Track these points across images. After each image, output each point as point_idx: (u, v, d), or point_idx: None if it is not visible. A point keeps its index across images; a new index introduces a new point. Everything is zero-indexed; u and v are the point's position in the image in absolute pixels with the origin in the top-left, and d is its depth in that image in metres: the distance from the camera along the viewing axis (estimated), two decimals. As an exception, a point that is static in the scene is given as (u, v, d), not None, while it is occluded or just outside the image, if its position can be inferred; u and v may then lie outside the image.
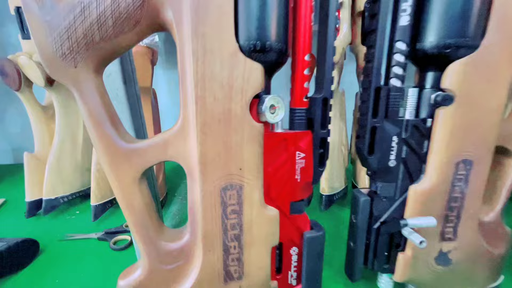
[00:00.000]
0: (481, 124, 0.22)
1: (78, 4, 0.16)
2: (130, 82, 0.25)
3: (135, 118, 0.26)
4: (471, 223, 0.25)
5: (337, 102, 0.45)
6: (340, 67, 0.43)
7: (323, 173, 0.45)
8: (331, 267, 0.33)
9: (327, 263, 0.34)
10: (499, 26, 0.20)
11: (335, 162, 0.45)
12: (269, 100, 0.19)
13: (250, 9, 0.17)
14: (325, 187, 0.45)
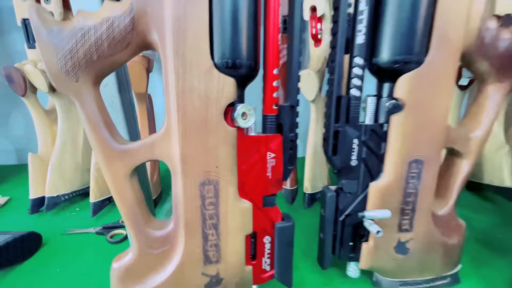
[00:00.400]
0: (429, 128, 0.25)
1: (79, 30, 0.19)
2: (124, 91, 0.28)
3: (129, 122, 0.29)
4: (425, 216, 0.28)
5: (320, 107, 0.49)
6: (322, 74, 0.47)
7: (307, 173, 0.48)
8: (309, 258, 0.36)
9: (306, 255, 0.37)
10: (439, 45, 0.24)
11: (318, 162, 0.48)
12: (241, 108, 0.22)
13: (222, 32, 0.21)
14: (308, 186, 0.48)
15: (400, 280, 0.30)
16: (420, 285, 0.31)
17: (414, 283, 0.30)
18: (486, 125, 0.27)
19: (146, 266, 0.24)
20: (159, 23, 0.20)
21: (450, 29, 0.23)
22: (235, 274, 0.25)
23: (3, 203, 0.52)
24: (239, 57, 0.22)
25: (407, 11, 0.23)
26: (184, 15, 0.20)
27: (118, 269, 0.24)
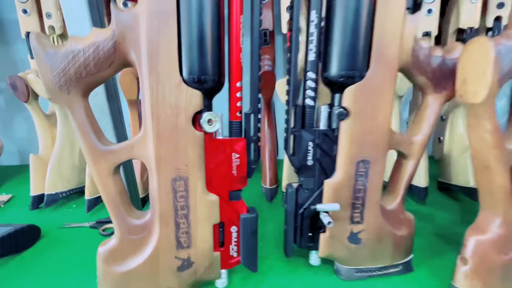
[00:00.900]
0: (373, 133, 0.29)
1: (71, 53, 0.23)
2: (112, 100, 0.32)
3: (117, 127, 0.33)
4: (374, 209, 0.32)
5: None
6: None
7: (284, 174, 0.52)
8: (280, 249, 0.40)
9: (277, 247, 0.41)
10: (377, 62, 0.28)
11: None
12: (207, 116, 0.26)
13: (189, 53, 0.25)
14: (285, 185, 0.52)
15: (355, 267, 0.34)
16: (374, 272, 0.34)
17: (368, 270, 0.34)
18: (426, 130, 0.31)
19: (127, 250, 0.28)
20: (136, 46, 0.24)
21: (386, 49, 0.27)
22: (204, 258, 0.29)
23: (6, 200, 0.56)
24: (204, 73, 0.26)
25: (349, 35, 0.27)
26: (156, 39, 0.24)
27: (103, 253, 0.28)
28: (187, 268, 0.29)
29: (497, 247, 0.29)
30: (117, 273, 0.27)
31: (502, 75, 0.25)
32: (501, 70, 0.25)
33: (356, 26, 0.27)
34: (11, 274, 0.37)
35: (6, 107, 0.73)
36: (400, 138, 0.31)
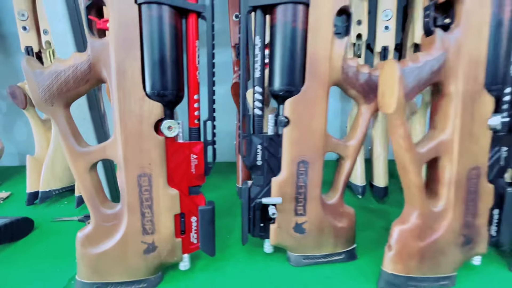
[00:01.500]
0: (310, 138, 0.35)
1: (54, 73, 0.29)
2: (94, 109, 0.38)
3: (98, 132, 0.39)
4: (315, 203, 0.37)
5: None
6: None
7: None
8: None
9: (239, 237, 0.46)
10: (311, 78, 0.33)
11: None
12: (167, 123, 0.32)
13: (151, 72, 0.30)
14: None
15: (303, 255, 0.39)
16: (319, 259, 0.39)
17: (314, 257, 0.39)
18: (359, 135, 0.37)
19: (100, 235, 0.33)
20: (107, 67, 0.30)
21: (318, 68, 0.33)
22: (166, 243, 0.34)
23: (5, 197, 0.62)
24: (164, 88, 0.31)
25: (287, 57, 0.33)
26: (123, 62, 0.29)
27: (80, 237, 0.33)
28: (152, 251, 0.34)
29: (415, 235, 0.34)
30: (92, 254, 0.33)
31: (407, 90, 0.30)
32: (406, 87, 0.30)
33: (292, 50, 0.33)
34: (6, 260, 0.42)
35: (8, 112, 0.79)
36: (336, 142, 0.36)
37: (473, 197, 0.33)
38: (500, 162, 0.35)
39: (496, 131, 0.33)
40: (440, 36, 0.30)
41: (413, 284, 0.34)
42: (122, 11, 0.29)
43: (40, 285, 0.37)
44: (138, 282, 0.35)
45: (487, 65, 0.31)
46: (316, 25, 0.32)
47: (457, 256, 0.35)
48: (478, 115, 0.32)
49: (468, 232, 0.34)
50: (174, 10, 0.30)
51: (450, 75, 0.31)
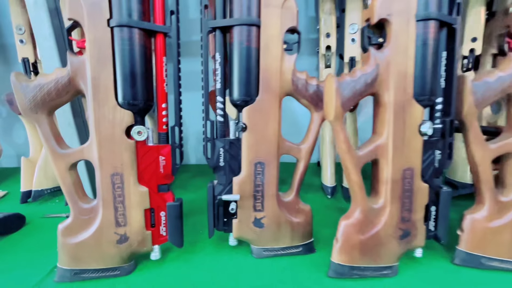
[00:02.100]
0: (264, 142, 0.39)
1: (38, 85, 0.34)
2: (77, 116, 0.43)
3: (81, 136, 0.44)
4: (272, 200, 0.41)
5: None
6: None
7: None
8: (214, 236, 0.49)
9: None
10: (264, 90, 0.38)
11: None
12: (136, 128, 0.36)
13: (123, 84, 0.35)
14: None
15: (263, 247, 0.43)
16: (278, 251, 0.43)
17: (273, 249, 0.43)
18: (310, 140, 0.41)
19: (79, 227, 0.37)
20: (84, 80, 0.35)
21: (270, 81, 0.37)
22: (137, 234, 0.39)
23: (2, 196, 0.67)
24: (134, 99, 0.36)
25: (244, 71, 0.38)
26: (98, 76, 0.34)
27: (61, 228, 0.37)
28: (124, 242, 0.38)
29: (357, 229, 0.38)
30: (71, 243, 0.37)
31: (344, 101, 0.35)
32: (342, 98, 0.34)
33: (247, 65, 0.37)
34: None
35: (7, 117, 0.85)
36: (290, 146, 0.41)
37: (408, 195, 0.37)
38: (435, 164, 0.39)
39: (430, 136, 0.37)
40: (373, 54, 0.35)
41: (357, 273, 0.38)
42: (97, 33, 0.34)
43: (27, 271, 0.41)
44: (112, 269, 0.39)
45: (415, 79, 0.35)
46: (267, 44, 0.37)
47: (396, 248, 0.38)
48: (409, 122, 0.36)
49: (405, 226, 0.38)
50: (142, 31, 0.35)
51: (383, 87, 0.35)
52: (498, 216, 0.39)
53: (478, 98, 0.37)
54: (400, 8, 0.34)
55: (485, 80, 0.37)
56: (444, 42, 0.37)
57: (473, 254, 0.40)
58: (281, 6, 0.36)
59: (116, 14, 0.34)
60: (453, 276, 0.39)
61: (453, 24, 0.36)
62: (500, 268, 0.40)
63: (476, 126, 0.38)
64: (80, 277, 0.38)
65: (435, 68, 0.36)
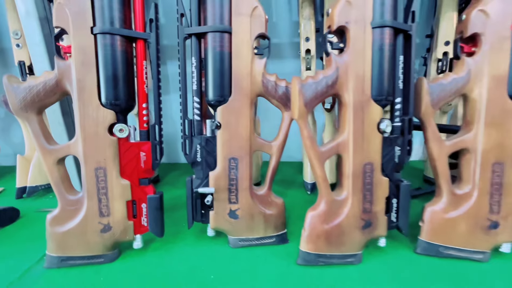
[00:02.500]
0: (237, 139, 0.42)
1: (28, 87, 0.37)
2: (66, 115, 0.46)
3: (70, 134, 0.47)
4: (245, 193, 0.44)
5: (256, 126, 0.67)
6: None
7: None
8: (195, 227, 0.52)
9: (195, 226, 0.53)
10: (236, 91, 0.41)
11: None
12: (118, 126, 0.40)
13: (105, 86, 0.38)
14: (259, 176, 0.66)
15: (238, 237, 0.46)
16: (253, 241, 0.46)
17: (248, 240, 0.46)
18: (281, 137, 0.44)
19: (65, 217, 0.41)
20: (70, 82, 0.38)
21: (241, 83, 0.41)
22: (120, 224, 0.42)
23: (-1, 192, 0.70)
24: (116, 99, 0.39)
25: (218, 74, 0.41)
26: (83, 79, 0.38)
27: (49, 219, 0.41)
28: (108, 231, 0.42)
29: (322, 219, 0.41)
30: (58, 232, 0.41)
31: (306, 101, 0.38)
32: (305, 98, 0.38)
33: (221, 68, 0.41)
34: (-6, 241, 0.50)
35: (5, 117, 0.88)
36: (262, 143, 0.44)
37: (369, 188, 0.40)
38: (395, 159, 0.42)
39: (391, 133, 0.41)
40: (334, 58, 0.38)
41: (323, 260, 0.41)
42: (81, 39, 0.37)
43: (19, 259, 0.44)
44: (97, 256, 0.42)
45: (372, 81, 0.38)
46: (238, 49, 0.40)
47: (359, 237, 0.41)
48: (367, 120, 0.39)
49: (366, 217, 0.41)
50: (124, 38, 0.39)
51: (343, 89, 0.38)
52: (454, 207, 0.42)
53: (434, 98, 0.41)
54: (356, 16, 0.37)
55: (440, 82, 0.40)
56: (401, 47, 0.40)
57: (432, 244, 0.43)
58: (250, 14, 0.39)
59: (99, 22, 0.37)
60: (412, 264, 0.42)
61: (408, 31, 0.40)
62: (457, 256, 0.43)
63: (433, 124, 0.41)
64: (67, 263, 0.41)
65: (392, 71, 0.39)
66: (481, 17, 0.38)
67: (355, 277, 0.40)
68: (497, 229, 0.41)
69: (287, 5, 0.77)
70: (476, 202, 0.41)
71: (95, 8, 0.37)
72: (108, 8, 0.37)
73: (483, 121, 0.40)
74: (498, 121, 0.39)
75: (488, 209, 0.41)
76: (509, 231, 0.41)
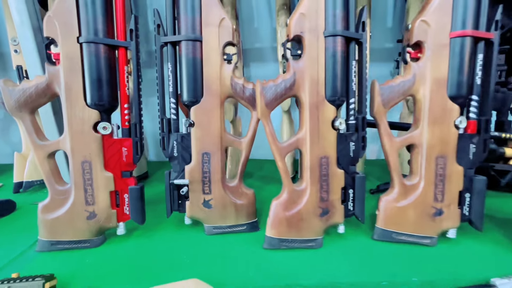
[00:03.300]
0: (209, 135, 0.47)
1: (21, 90, 0.42)
2: (57, 114, 0.51)
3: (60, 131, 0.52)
4: (218, 185, 0.49)
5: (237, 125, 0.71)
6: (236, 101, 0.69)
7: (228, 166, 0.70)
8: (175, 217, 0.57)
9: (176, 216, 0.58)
10: (207, 93, 0.46)
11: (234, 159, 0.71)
12: (101, 124, 0.45)
13: (90, 88, 0.44)
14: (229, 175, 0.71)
15: (212, 225, 0.51)
16: (226, 229, 0.51)
17: (221, 227, 0.51)
18: (249, 134, 0.49)
19: (55, 205, 0.46)
20: (59, 85, 0.43)
21: (211, 85, 0.46)
22: (103, 212, 0.47)
23: (-2, 187, 0.76)
24: (100, 100, 0.44)
25: (191, 77, 0.46)
26: (70, 82, 0.43)
27: (40, 207, 0.46)
28: (93, 218, 0.46)
29: (283, 207, 0.45)
30: (48, 219, 0.45)
31: (267, 102, 0.43)
32: (266, 100, 0.43)
33: (194, 73, 0.46)
34: (-8, 229, 0.55)
35: (4, 118, 0.94)
36: (233, 139, 0.49)
37: (325, 179, 0.45)
38: (350, 154, 0.46)
39: (347, 130, 0.45)
40: (291, 63, 0.43)
41: (285, 244, 0.46)
42: (69, 48, 0.42)
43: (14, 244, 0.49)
44: (83, 241, 0.47)
45: (326, 84, 0.43)
46: (208, 55, 0.45)
47: (318, 224, 0.46)
48: (322, 118, 0.44)
49: (324, 205, 0.46)
50: (107, 46, 0.44)
51: (300, 91, 0.43)
52: (405, 197, 0.47)
53: (384, 99, 0.45)
54: (310, 26, 0.42)
55: (390, 85, 0.45)
56: (354, 53, 0.45)
57: (386, 230, 0.48)
58: (218, 25, 0.44)
59: (84, 32, 0.42)
60: (369, 248, 0.47)
61: (359, 39, 0.44)
62: (408, 241, 0.48)
63: (385, 122, 0.46)
64: (56, 247, 0.46)
65: (345, 75, 0.44)
66: (424, 26, 0.43)
67: (315, 260, 0.44)
68: (441, 216, 0.46)
69: (267, 12, 0.82)
70: (422, 192, 0.46)
71: (81, 20, 0.42)
72: (93, 20, 0.42)
73: (427, 119, 0.44)
74: (439, 119, 0.44)
75: (433, 198, 0.46)
76: (452, 218, 0.46)
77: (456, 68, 0.43)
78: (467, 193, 0.46)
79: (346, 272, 0.42)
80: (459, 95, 0.44)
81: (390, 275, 0.41)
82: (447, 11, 0.43)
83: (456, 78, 0.43)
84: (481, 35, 0.43)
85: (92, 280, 0.40)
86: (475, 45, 0.44)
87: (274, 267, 0.43)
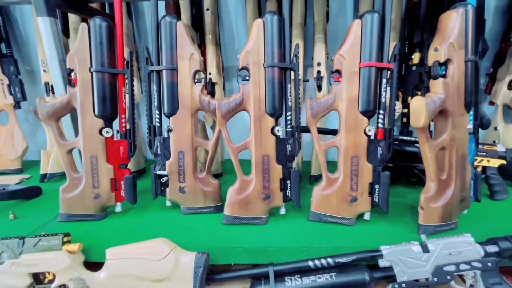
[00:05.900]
0: (183, 138, 0.63)
1: (51, 105, 0.60)
2: (74, 121, 0.68)
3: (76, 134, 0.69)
4: (190, 176, 0.65)
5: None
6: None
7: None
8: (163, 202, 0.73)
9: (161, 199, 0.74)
10: (181, 107, 0.62)
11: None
12: (105, 129, 0.62)
13: (97, 104, 0.61)
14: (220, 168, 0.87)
15: (187, 207, 0.66)
16: (196, 210, 0.67)
17: (193, 208, 0.67)
18: (214, 138, 0.64)
19: (71, 187, 0.63)
20: (76, 102, 0.60)
21: (184, 101, 0.62)
22: (105, 194, 0.64)
23: (27, 178, 0.94)
24: (104, 112, 0.61)
25: (170, 94, 0.62)
26: (83, 100, 0.60)
27: (61, 189, 0.63)
28: (98, 198, 0.63)
29: (236, 192, 0.61)
30: (66, 197, 0.63)
31: (223, 115, 0.58)
32: (221, 113, 0.58)
33: (172, 92, 0.62)
34: (25, 207, 0.74)
35: (33, 123, 1.14)
36: (201, 141, 0.65)
37: (267, 172, 0.60)
38: (287, 153, 0.61)
39: (286, 135, 0.60)
40: (241, 86, 0.59)
41: (238, 221, 0.61)
42: (83, 75, 0.60)
43: (41, 217, 0.67)
44: (91, 215, 0.64)
45: (267, 101, 0.58)
46: (182, 80, 0.61)
47: (261, 206, 0.61)
48: (263, 127, 0.59)
49: (266, 192, 0.61)
50: (109, 73, 0.61)
51: (247, 106, 0.59)
52: (329, 187, 0.61)
53: (313, 112, 0.60)
54: (253, 60, 0.57)
55: (318, 101, 0.60)
56: (289, 78, 0.60)
57: (317, 213, 0.62)
58: (189, 58, 0.61)
59: (94, 64, 0.60)
60: (303, 226, 0.61)
61: (293, 68, 0.59)
62: (332, 222, 0.62)
63: (314, 130, 0.61)
64: (71, 218, 0.63)
65: (281, 94, 0.59)
66: (340, 59, 0.58)
67: (258, 232, 0.59)
68: (356, 202, 0.60)
69: (246, 36, 0.98)
70: (341, 183, 0.60)
71: (92, 56, 0.60)
72: (100, 56, 0.60)
73: (344, 127, 0.59)
74: (353, 127, 0.58)
75: (350, 188, 0.60)
76: (365, 204, 0.60)
77: (365, 90, 0.58)
78: (376, 184, 0.59)
79: (278, 240, 0.56)
80: (367, 110, 0.58)
81: (309, 242, 0.55)
82: (357, 48, 0.57)
83: (365, 98, 0.58)
84: (382, 65, 0.57)
85: (96, 239, 0.57)
86: (380, 73, 0.58)
87: (227, 236, 0.58)
